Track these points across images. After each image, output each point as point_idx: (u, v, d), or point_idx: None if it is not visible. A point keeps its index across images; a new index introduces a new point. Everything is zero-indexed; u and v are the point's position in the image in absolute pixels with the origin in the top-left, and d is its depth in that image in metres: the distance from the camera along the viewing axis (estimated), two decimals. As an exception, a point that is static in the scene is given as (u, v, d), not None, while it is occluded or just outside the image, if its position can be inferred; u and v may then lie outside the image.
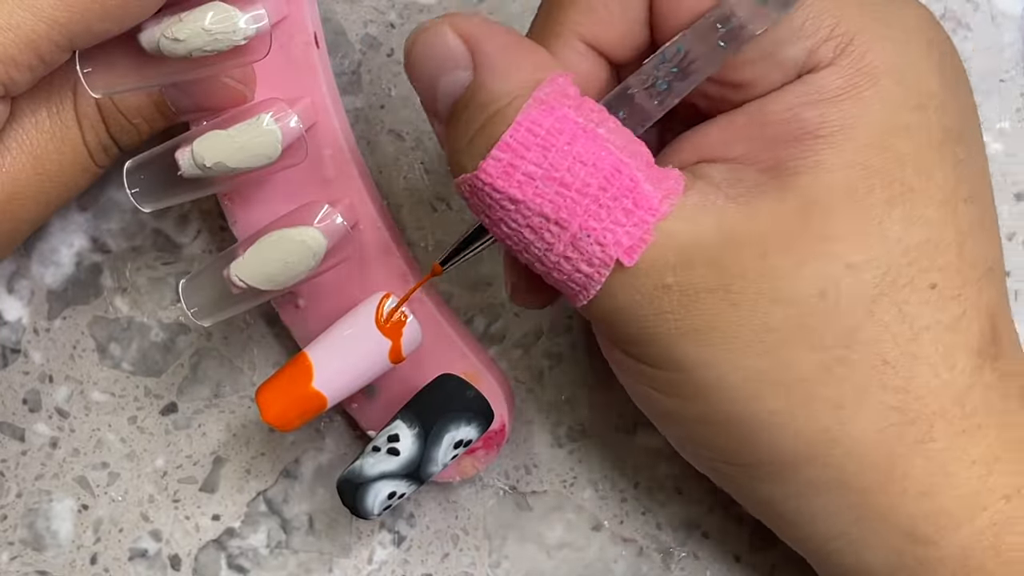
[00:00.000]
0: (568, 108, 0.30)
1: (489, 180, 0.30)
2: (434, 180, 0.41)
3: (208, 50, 0.33)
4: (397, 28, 0.42)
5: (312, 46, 0.37)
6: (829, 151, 0.30)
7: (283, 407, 0.35)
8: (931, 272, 0.30)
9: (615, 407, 0.41)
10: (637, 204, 0.30)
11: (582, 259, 0.30)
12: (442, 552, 0.41)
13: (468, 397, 0.36)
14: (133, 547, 0.41)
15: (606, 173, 0.30)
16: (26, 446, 0.42)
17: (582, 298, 0.31)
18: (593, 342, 0.41)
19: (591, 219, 0.30)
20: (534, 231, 0.30)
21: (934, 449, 0.31)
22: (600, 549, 0.40)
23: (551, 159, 0.30)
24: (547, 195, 0.30)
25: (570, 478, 0.41)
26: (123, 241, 0.42)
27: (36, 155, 0.36)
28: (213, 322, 0.36)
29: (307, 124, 0.36)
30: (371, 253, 0.38)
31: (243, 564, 0.41)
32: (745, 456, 0.32)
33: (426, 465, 0.35)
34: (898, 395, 0.30)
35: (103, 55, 0.34)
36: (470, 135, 0.30)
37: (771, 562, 0.40)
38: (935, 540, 0.31)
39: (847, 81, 0.30)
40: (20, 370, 0.42)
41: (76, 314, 0.42)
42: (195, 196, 0.36)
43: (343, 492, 0.36)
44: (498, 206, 0.30)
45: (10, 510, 0.41)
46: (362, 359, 0.36)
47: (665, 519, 0.40)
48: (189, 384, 0.42)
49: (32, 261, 0.42)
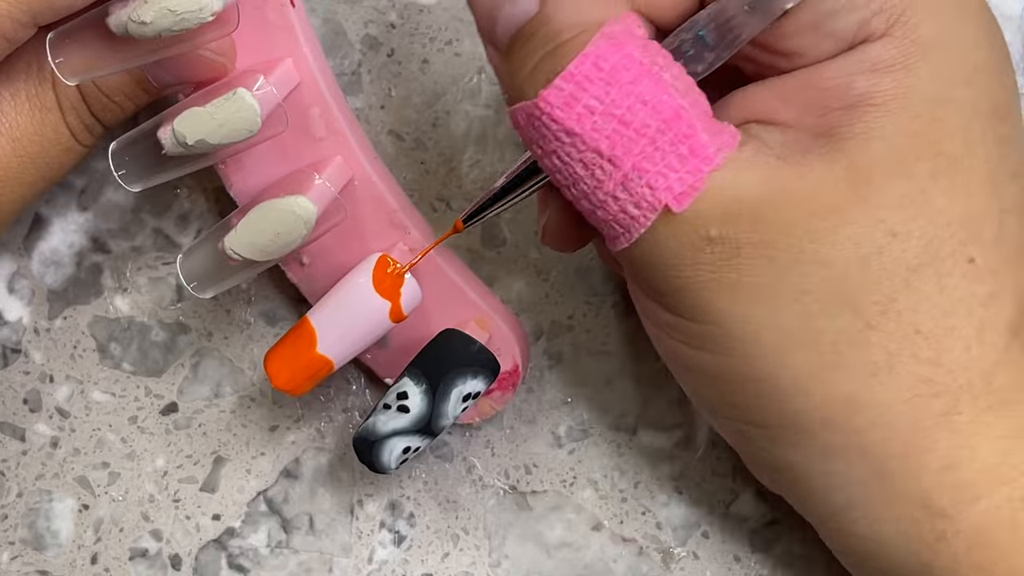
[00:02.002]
0: (635, 47, 0.30)
1: (548, 109, 0.30)
2: (434, 180, 0.41)
3: (176, 30, 0.33)
4: (397, 28, 0.42)
5: (287, 7, 0.37)
6: (880, 119, 0.30)
7: (291, 373, 0.36)
8: (970, 246, 0.31)
9: (615, 407, 0.41)
10: (693, 151, 0.30)
11: (630, 200, 0.30)
12: (442, 552, 0.41)
13: (472, 351, 0.36)
14: (133, 547, 0.41)
15: (666, 116, 0.30)
16: (26, 446, 0.42)
17: (623, 240, 0.31)
18: (594, 342, 0.41)
19: (645, 160, 0.30)
20: (586, 166, 0.30)
21: (959, 422, 0.31)
22: (600, 549, 0.40)
23: (613, 95, 0.30)
24: (604, 131, 0.30)
25: (570, 478, 0.41)
26: (123, 241, 0.42)
27: (15, 137, 0.36)
28: (214, 294, 0.36)
29: (290, 85, 0.37)
30: (369, 207, 0.38)
31: (243, 564, 0.41)
32: (769, 417, 0.32)
33: (437, 420, 0.36)
34: (929, 366, 0.30)
35: (74, 42, 0.34)
36: (533, 63, 0.30)
37: (771, 562, 0.40)
38: (951, 514, 0.31)
39: (900, 52, 0.30)
40: (21, 370, 0.42)
41: (76, 314, 0.42)
42: (183, 172, 0.36)
43: (359, 450, 0.36)
44: (553, 137, 0.30)
45: (11, 510, 0.41)
46: (363, 322, 0.36)
47: (665, 519, 0.40)
48: (189, 384, 0.42)
49: (33, 261, 0.42)
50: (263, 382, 0.41)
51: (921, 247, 0.30)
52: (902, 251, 0.30)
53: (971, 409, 0.31)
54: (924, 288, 0.30)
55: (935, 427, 0.31)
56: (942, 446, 0.31)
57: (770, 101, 0.32)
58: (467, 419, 0.39)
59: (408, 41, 0.42)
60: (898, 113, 0.30)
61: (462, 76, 0.42)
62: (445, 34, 0.42)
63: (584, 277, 0.41)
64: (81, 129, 0.37)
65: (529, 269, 0.41)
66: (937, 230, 0.30)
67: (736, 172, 0.30)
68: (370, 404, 0.41)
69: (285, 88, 0.37)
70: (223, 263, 0.36)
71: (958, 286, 0.31)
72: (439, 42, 0.42)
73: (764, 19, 0.30)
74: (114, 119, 0.38)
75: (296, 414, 0.41)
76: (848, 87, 0.30)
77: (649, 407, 0.41)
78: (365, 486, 0.41)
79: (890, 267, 0.30)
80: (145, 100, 0.38)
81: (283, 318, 0.41)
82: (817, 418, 0.31)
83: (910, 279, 0.30)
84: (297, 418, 0.41)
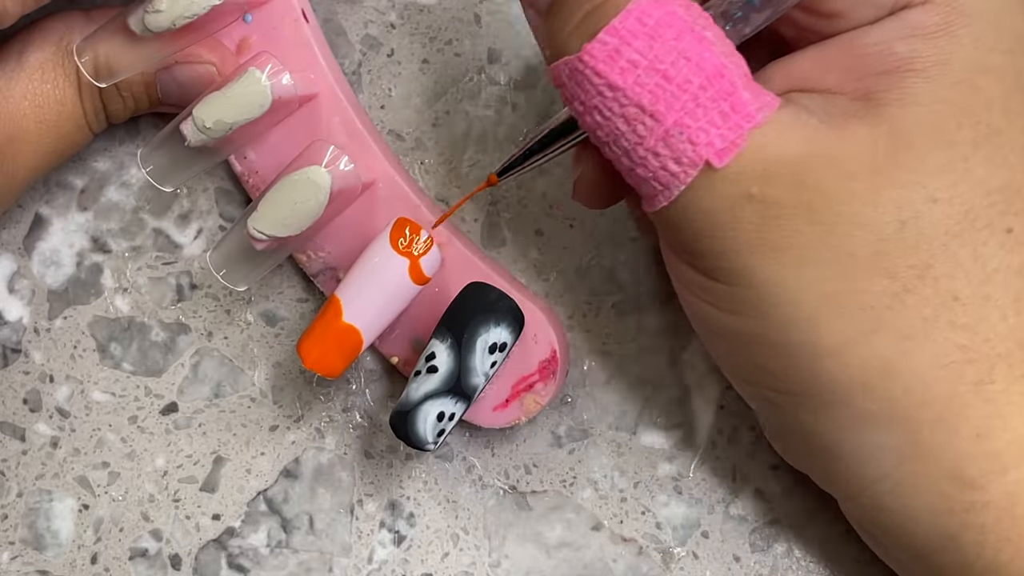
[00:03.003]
0: (678, 5, 0.30)
1: (592, 63, 0.30)
2: (434, 180, 0.41)
3: (188, 15, 0.36)
4: (397, 28, 0.42)
5: (301, 22, 0.39)
6: (921, 85, 0.30)
7: (321, 350, 0.36)
8: (1008, 216, 0.31)
9: (615, 407, 0.41)
10: (734, 108, 0.30)
11: (671, 156, 0.30)
12: (442, 552, 0.41)
13: (491, 299, 0.36)
14: (133, 547, 0.41)
15: (708, 73, 0.30)
16: (27, 446, 0.42)
17: (662, 199, 0.31)
18: (594, 342, 0.41)
19: (687, 116, 0.30)
20: (628, 122, 0.30)
21: (993, 391, 0.31)
22: (600, 549, 0.40)
23: (656, 50, 0.30)
24: (647, 85, 0.30)
25: (570, 478, 0.41)
26: (123, 241, 0.42)
27: (37, 104, 0.38)
28: (248, 284, 0.38)
29: (309, 94, 0.39)
30: (394, 207, 0.39)
31: (243, 564, 0.41)
32: (799, 383, 0.32)
33: (466, 376, 0.36)
34: (965, 333, 0.30)
35: (99, 44, 0.37)
36: (577, 20, 0.31)
37: (771, 562, 0.40)
38: (981, 484, 0.31)
39: (942, 19, 0.30)
40: (21, 370, 0.42)
41: (77, 314, 0.42)
42: (207, 165, 0.38)
43: (395, 425, 0.36)
44: (596, 91, 0.30)
45: (11, 510, 0.41)
46: (385, 284, 0.36)
47: (665, 519, 0.40)
48: (189, 384, 0.42)
49: (33, 261, 0.42)
50: (263, 382, 0.41)
51: (960, 214, 0.30)
52: (942, 217, 0.30)
53: (1005, 379, 0.31)
54: (961, 255, 0.30)
55: (968, 395, 0.31)
56: (975, 414, 0.31)
57: (811, 68, 0.32)
58: (511, 419, 0.39)
59: (408, 41, 0.42)
60: (938, 79, 0.30)
61: (462, 76, 0.42)
62: (445, 34, 0.42)
63: (584, 277, 0.41)
64: (91, 111, 0.39)
65: (529, 269, 0.41)
66: (977, 198, 0.30)
67: (778, 132, 0.30)
68: (370, 404, 0.41)
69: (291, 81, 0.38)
70: (251, 250, 0.37)
71: (995, 255, 0.31)
72: (439, 42, 0.42)
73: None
74: (116, 111, 0.39)
75: (296, 414, 0.41)
76: (889, 52, 0.30)
77: (649, 407, 0.41)
78: (365, 486, 0.41)
79: (928, 232, 0.30)
80: (146, 106, 0.39)
81: (283, 318, 0.41)
82: (852, 384, 0.31)
83: (948, 244, 0.30)
84: (297, 418, 0.41)
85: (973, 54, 0.30)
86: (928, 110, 0.30)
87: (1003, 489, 0.31)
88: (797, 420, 0.33)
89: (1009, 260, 0.31)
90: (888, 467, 0.32)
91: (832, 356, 0.31)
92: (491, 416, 0.39)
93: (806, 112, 0.31)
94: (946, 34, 0.30)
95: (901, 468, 0.31)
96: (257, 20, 0.39)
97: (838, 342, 0.31)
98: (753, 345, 0.32)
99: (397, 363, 0.40)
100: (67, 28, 0.38)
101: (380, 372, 0.41)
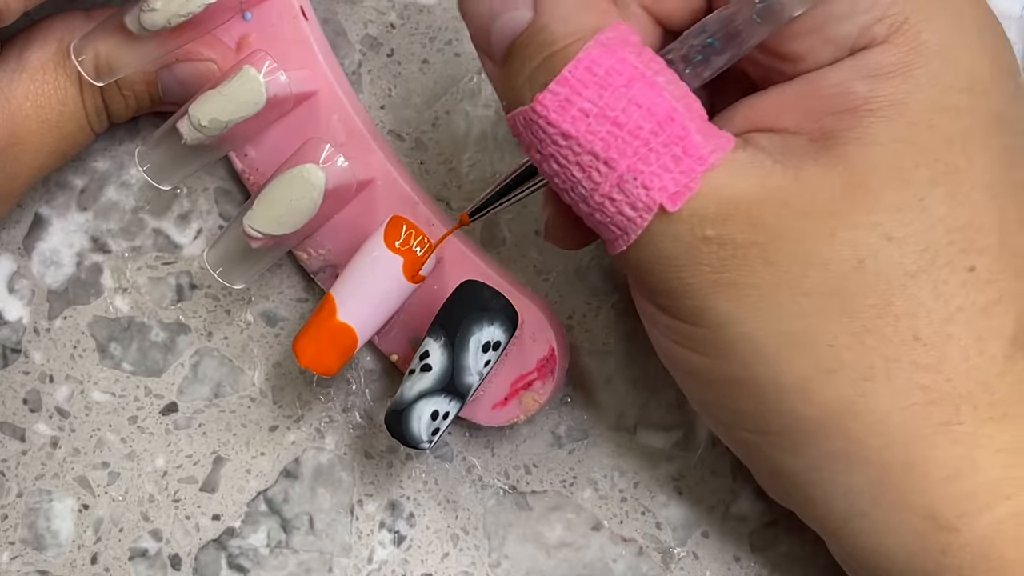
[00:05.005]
0: (629, 53, 0.30)
1: (544, 113, 0.30)
2: (434, 180, 0.41)
3: (183, 14, 0.36)
4: (397, 29, 0.42)
5: (300, 19, 0.39)
6: (878, 125, 0.30)
7: (316, 349, 0.36)
8: (970, 254, 0.30)
9: (615, 407, 0.41)
10: (686, 152, 0.30)
11: (626, 201, 0.30)
12: (442, 552, 0.41)
13: (485, 297, 0.36)
14: (133, 547, 0.41)
15: (659, 118, 0.30)
16: (26, 446, 0.42)
17: (621, 243, 0.31)
18: (594, 342, 0.41)
19: (640, 162, 0.30)
20: (583, 169, 0.30)
21: (961, 432, 0.30)
22: (600, 549, 0.40)
23: (607, 98, 0.30)
24: (599, 133, 0.30)
25: (570, 478, 0.41)
26: (123, 241, 0.42)
27: (39, 104, 0.38)
28: (244, 283, 0.38)
29: (308, 92, 0.39)
30: (392, 205, 0.39)
31: (243, 564, 0.41)
32: (769, 423, 0.32)
33: (460, 375, 0.36)
34: (927, 373, 0.30)
35: (97, 43, 0.37)
36: (529, 71, 0.31)
37: (771, 562, 0.40)
38: (956, 526, 0.31)
39: (900, 59, 0.30)
40: (20, 370, 0.42)
41: (76, 314, 0.42)
42: (205, 162, 0.38)
43: (389, 424, 0.36)
44: (550, 140, 0.31)
45: (10, 510, 0.41)
46: (379, 282, 0.37)
47: (665, 519, 0.40)
48: (189, 384, 0.42)
49: (33, 261, 0.42)
50: (263, 382, 0.41)
51: (918, 253, 0.30)
52: (899, 256, 0.30)
53: (972, 420, 0.30)
54: (921, 294, 0.30)
55: (934, 436, 0.30)
56: (944, 456, 0.30)
57: (771, 108, 0.32)
58: (510, 417, 0.39)
59: (408, 41, 0.42)
60: (895, 120, 0.30)
61: (462, 76, 0.42)
62: (445, 34, 0.42)
63: (584, 277, 0.41)
64: (93, 111, 0.39)
65: (529, 269, 0.41)
66: (936, 237, 0.30)
67: (731, 173, 0.30)
68: (370, 404, 0.41)
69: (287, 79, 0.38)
70: (248, 249, 0.37)
71: (957, 294, 0.30)
72: (439, 42, 0.42)
73: (772, 25, 0.31)
74: (118, 111, 0.39)
75: (296, 414, 0.41)
76: (846, 92, 0.30)
77: (649, 407, 0.41)
78: (365, 486, 0.41)
79: (886, 271, 0.30)
80: (147, 104, 0.40)
81: (283, 318, 0.41)
82: (814, 423, 0.31)
83: (907, 284, 0.30)
84: (297, 418, 0.41)
85: (931, 93, 0.30)
86: (885, 149, 0.30)
87: (979, 531, 0.30)
88: (773, 460, 0.33)
89: (973, 298, 0.30)
90: (860, 506, 0.32)
91: (796, 393, 0.31)
92: (490, 414, 0.39)
93: (762, 153, 0.31)
94: (903, 74, 0.30)
95: (874, 508, 0.31)
96: (256, 18, 0.39)
97: (800, 379, 0.31)
98: (721, 384, 0.32)
99: (396, 361, 0.40)
100: (68, 28, 0.38)
101: (380, 372, 0.41)
